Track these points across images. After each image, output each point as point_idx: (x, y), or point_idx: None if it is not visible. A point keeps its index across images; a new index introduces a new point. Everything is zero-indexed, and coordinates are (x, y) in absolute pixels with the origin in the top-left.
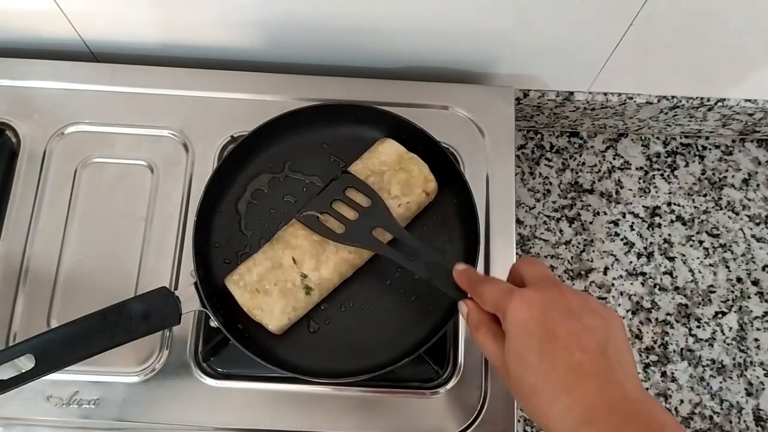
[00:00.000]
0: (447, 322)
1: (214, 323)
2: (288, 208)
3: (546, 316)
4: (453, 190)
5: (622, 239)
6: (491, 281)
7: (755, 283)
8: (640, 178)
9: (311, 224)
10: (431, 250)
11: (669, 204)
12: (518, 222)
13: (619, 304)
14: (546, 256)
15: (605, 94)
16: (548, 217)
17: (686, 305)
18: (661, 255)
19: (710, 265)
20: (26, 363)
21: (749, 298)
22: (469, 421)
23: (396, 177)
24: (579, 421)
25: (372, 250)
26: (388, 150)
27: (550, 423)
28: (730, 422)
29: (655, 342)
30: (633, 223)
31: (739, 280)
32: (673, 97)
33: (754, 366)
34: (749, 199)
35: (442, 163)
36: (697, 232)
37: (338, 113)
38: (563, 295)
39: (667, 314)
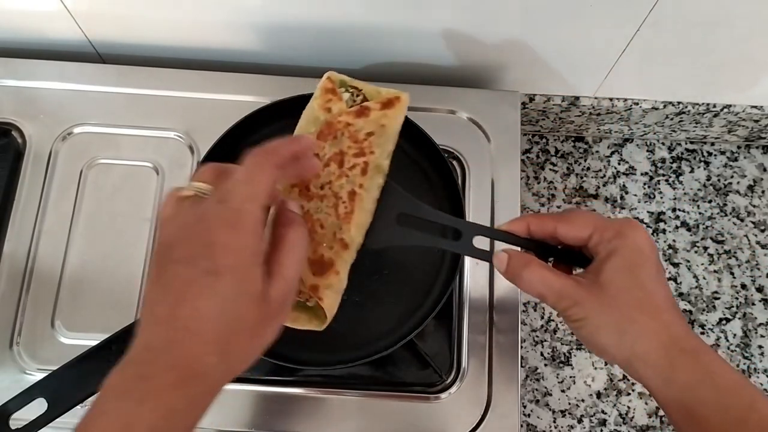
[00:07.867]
0: (435, 308)
1: None
2: None
3: (655, 248)
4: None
5: None
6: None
7: (760, 289)
8: (645, 184)
9: None
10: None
11: (674, 210)
12: None
13: None
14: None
15: (611, 99)
16: None
17: (690, 311)
18: (666, 261)
19: (715, 271)
20: (38, 408)
21: (754, 304)
22: (473, 426)
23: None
24: (671, 340)
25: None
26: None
27: (645, 335)
28: None
29: None
30: None
31: (743, 286)
32: (678, 102)
33: (758, 373)
34: (754, 206)
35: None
36: (702, 238)
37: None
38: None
39: None
